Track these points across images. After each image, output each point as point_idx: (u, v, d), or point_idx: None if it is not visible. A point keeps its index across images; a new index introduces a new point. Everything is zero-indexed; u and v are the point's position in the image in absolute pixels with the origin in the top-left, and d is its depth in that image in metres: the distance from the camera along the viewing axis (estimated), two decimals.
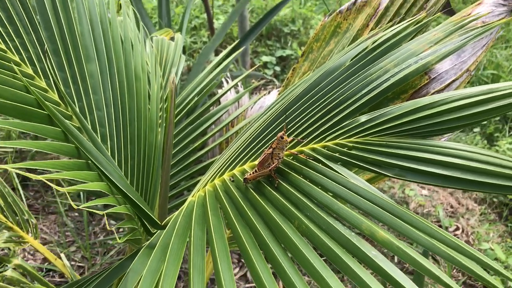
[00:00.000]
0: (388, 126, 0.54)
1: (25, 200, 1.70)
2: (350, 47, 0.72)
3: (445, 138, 0.84)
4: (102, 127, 0.76)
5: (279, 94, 0.90)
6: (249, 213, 0.53)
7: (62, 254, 1.01)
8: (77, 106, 0.74)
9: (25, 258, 1.53)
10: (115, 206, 0.63)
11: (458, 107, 0.51)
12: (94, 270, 1.49)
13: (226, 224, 0.58)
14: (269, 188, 0.55)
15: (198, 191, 0.66)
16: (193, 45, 2.84)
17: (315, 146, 0.59)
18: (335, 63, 0.69)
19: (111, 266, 0.66)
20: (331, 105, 0.62)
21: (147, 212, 0.61)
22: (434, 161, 0.48)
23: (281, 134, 0.55)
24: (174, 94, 0.84)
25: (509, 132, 2.28)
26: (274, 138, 0.56)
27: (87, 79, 0.77)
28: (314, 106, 0.64)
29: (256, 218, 0.52)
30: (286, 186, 0.54)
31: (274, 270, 0.47)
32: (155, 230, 0.66)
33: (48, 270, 1.49)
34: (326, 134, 0.59)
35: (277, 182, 0.55)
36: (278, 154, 0.56)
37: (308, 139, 0.61)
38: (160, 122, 0.90)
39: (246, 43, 1.95)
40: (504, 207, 1.87)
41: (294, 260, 0.47)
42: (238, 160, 0.68)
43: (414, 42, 0.61)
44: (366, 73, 0.61)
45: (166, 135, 0.86)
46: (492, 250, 1.58)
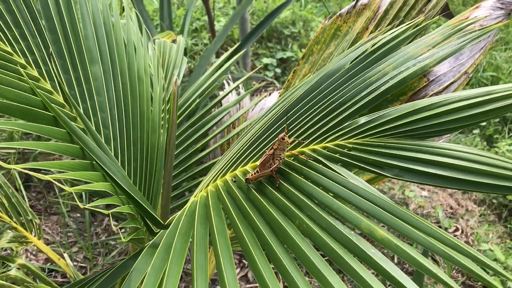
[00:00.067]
0: (387, 127, 0.55)
1: (27, 201, 1.71)
2: (350, 50, 0.74)
3: (443, 139, 0.85)
4: (105, 129, 0.77)
5: (280, 96, 0.91)
6: (251, 212, 0.54)
7: (65, 254, 1.02)
8: (81, 107, 0.76)
9: (27, 258, 1.54)
10: (119, 206, 0.64)
11: (456, 109, 0.52)
12: (96, 270, 1.50)
13: (228, 224, 0.59)
14: (270, 188, 0.56)
15: (201, 192, 0.67)
16: (194, 47, 2.85)
17: (316, 147, 0.60)
18: (335, 66, 0.70)
19: (115, 266, 0.67)
20: (331, 106, 0.63)
21: (150, 211, 0.63)
22: (432, 161, 0.50)
23: (282, 135, 0.56)
24: (177, 96, 0.85)
25: (508, 133, 2.29)
26: (275, 139, 0.58)
27: (91, 81, 0.79)
28: (314, 108, 0.66)
29: (258, 218, 0.53)
30: (287, 186, 0.55)
31: (276, 269, 0.48)
32: (158, 230, 0.67)
33: (50, 271, 1.50)
34: (326, 135, 0.60)
35: (278, 182, 0.56)
36: (279, 155, 0.57)
37: (308, 140, 0.62)
38: (162, 123, 0.92)
39: (247, 45, 1.96)
40: (503, 208, 1.88)
41: (296, 259, 0.49)
42: (240, 161, 0.69)
43: (412, 45, 0.62)
44: (366, 75, 0.62)
45: (168, 136, 0.87)
46: (491, 251, 1.59)
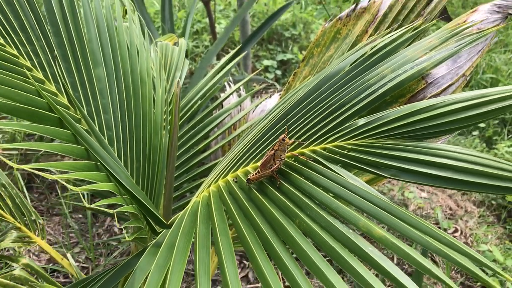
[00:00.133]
0: (385, 129, 0.56)
1: (29, 202, 1.72)
2: (349, 53, 0.75)
3: (442, 140, 0.87)
4: (109, 130, 0.79)
5: (281, 98, 0.93)
6: (252, 212, 0.56)
7: (68, 254, 1.03)
8: (85, 109, 0.77)
9: (30, 259, 1.55)
10: (122, 206, 0.65)
11: (452, 111, 0.53)
12: (97, 271, 1.51)
13: (230, 224, 0.60)
14: (271, 188, 0.58)
15: (203, 192, 0.68)
16: (195, 49, 2.87)
17: (316, 148, 0.62)
18: (335, 68, 0.71)
19: (118, 265, 0.68)
20: (331, 108, 0.65)
21: (153, 211, 0.64)
22: (428, 162, 0.51)
23: (282, 136, 0.58)
24: (179, 98, 0.86)
25: (507, 135, 2.30)
26: (276, 140, 0.59)
27: (95, 84, 0.80)
28: (314, 110, 0.67)
29: (259, 217, 0.55)
30: (288, 186, 0.56)
31: (277, 268, 0.49)
32: (161, 230, 0.68)
33: (52, 271, 1.51)
34: (326, 137, 0.62)
35: (279, 182, 0.57)
36: (280, 155, 0.58)
37: (308, 141, 0.64)
38: (164, 125, 0.93)
39: (248, 48, 1.98)
40: (502, 210, 1.89)
41: (296, 258, 0.50)
42: (241, 161, 0.70)
43: (410, 49, 0.64)
44: (364, 78, 0.63)
45: (171, 138, 0.89)
46: (490, 251, 1.60)
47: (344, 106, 0.63)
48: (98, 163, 0.66)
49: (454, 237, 1.74)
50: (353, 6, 0.97)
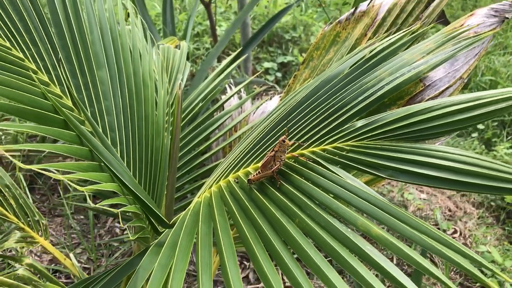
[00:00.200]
0: (382, 130, 0.58)
1: (32, 202, 1.74)
2: (348, 56, 0.76)
3: (440, 142, 0.88)
4: (112, 132, 0.80)
5: (281, 100, 0.94)
6: (253, 212, 0.57)
7: (71, 254, 1.04)
8: (89, 111, 0.78)
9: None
10: (125, 206, 0.66)
11: (448, 113, 0.55)
12: (99, 271, 1.53)
13: (231, 223, 0.61)
14: (271, 188, 0.59)
15: (204, 192, 0.69)
16: (196, 51, 2.88)
17: (315, 149, 0.63)
18: (334, 71, 0.73)
19: (121, 264, 0.69)
20: (330, 110, 0.66)
21: (156, 211, 0.65)
22: (425, 163, 0.52)
23: (283, 137, 0.59)
24: (181, 99, 0.87)
25: (506, 137, 2.31)
26: (276, 142, 0.60)
27: (98, 86, 0.81)
28: (314, 112, 0.68)
29: (259, 217, 0.56)
30: (288, 187, 0.57)
31: (278, 266, 0.51)
32: (163, 230, 0.69)
33: (54, 272, 1.52)
34: (325, 138, 0.63)
35: (279, 183, 0.59)
36: (280, 156, 0.60)
37: (308, 143, 0.65)
38: (166, 126, 0.94)
39: (249, 50, 1.99)
40: (501, 211, 1.90)
41: (297, 256, 0.51)
42: (242, 162, 0.71)
43: (407, 52, 0.65)
44: (363, 81, 0.65)
45: (173, 139, 0.90)
46: (489, 252, 1.61)
47: (342, 108, 0.64)
48: (102, 164, 0.68)
49: (453, 238, 1.75)
50: (352, 10, 0.98)
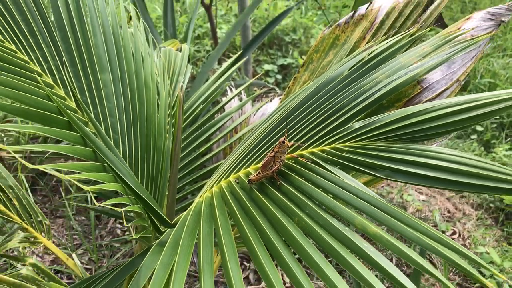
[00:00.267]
0: (379, 132, 0.59)
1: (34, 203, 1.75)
2: (347, 59, 0.78)
3: (437, 143, 0.89)
4: (115, 133, 0.81)
5: (281, 102, 0.95)
6: (253, 211, 0.58)
7: (73, 254, 1.06)
8: (92, 113, 0.80)
9: None
10: (127, 206, 0.67)
11: (443, 115, 0.56)
12: (100, 271, 1.54)
13: (232, 223, 0.62)
14: (271, 188, 0.60)
15: (205, 192, 0.71)
16: (196, 53, 2.90)
17: (314, 150, 0.64)
18: (333, 74, 0.74)
19: (123, 263, 0.70)
20: (329, 112, 0.68)
21: (158, 210, 0.66)
22: (420, 163, 0.54)
23: (282, 138, 0.60)
24: (182, 102, 0.89)
25: (505, 139, 2.33)
26: (276, 143, 0.62)
27: (101, 88, 0.83)
28: (313, 113, 0.70)
29: (260, 216, 0.57)
30: (287, 187, 0.59)
31: (278, 264, 0.52)
32: (165, 229, 0.70)
33: (56, 272, 1.53)
34: (324, 139, 0.64)
35: (279, 183, 0.60)
36: (280, 157, 0.61)
37: (307, 144, 0.66)
38: (167, 128, 0.96)
39: (249, 52, 2.01)
40: (500, 212, 1.91)
41: (297, 256, 0.52)
42: (242, 163, 0.73)
43: (404, 55, 0.67)
44: (361, 83, 0.66)
45: (174, 140, 0.91)
46: (487, 253, 1.62)
47: (341, 110, 0.66)
48: (105, 165, 0.69)
49: (452, 239, 1.76)
50: (351, 13, 0.99)
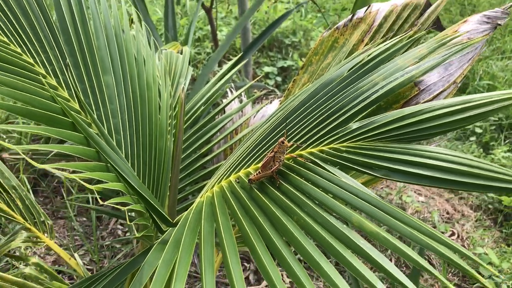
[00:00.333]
0: (376, 132, 0.60)
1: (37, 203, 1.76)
2: (346, 61, 0.79)
3: (435, 143, 0.91)
4: (117, 134, 0.83)
5: (281, 103, 0.97)
6: (253, 210, 0.59)
7: (76, 254, 1.07)
8: (95, 114, 0.81)
9: None
10: (130, 205, 0.69)
11: (438, 116, 0.57)
12: (102, 270, 1.55)
13: (232, 223, 0.64)
14: (271, 187, 0.62)
15: (206, 192, 0.72)
16: (197, 56, 2.92)
17: (313, 150, 0.66)
18: (332, 76, 0.76)
19: (125, 262, 0.71)
20: (328, 113, 0.69)
21: (160, 210, 0.68)
22: (416, 163, 0.55)
23: (282, 139, 0.62)
24: (184, 103, 0.90)
25: (504, 141, 2.34)
26: (276, 143, 0.63)
27: (104, 90, 0.84)
28: (312, 114, 0.71)
29: (260, 214, 0.58)
30: (287, 186, 0.60)
31: (278, 262, 0.53)
32: (167, 228, 0.72)
33: (57, 272, 1.54)
34: (322, 140, 0.66)
35: (278, 182, 0.61)
36: (279, 157, 0.62)
37: (306, 144, 0.68)
38: (169, 129, 0.97)
39: (249, 55, 2.02)
40: (499, 213, 1.92)
41: (297, 253, 0.53)
42: (243, 163, 0.74)
43: (401, 58, 0.68)
44: (359, 85, 0.68)
45: (176, 141, 0.93)
46: (486, 254, 1.63)
47: (339, 111, 0.67)
48: (108, 165, 0.70)
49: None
50: (350, 16, 1.01)
